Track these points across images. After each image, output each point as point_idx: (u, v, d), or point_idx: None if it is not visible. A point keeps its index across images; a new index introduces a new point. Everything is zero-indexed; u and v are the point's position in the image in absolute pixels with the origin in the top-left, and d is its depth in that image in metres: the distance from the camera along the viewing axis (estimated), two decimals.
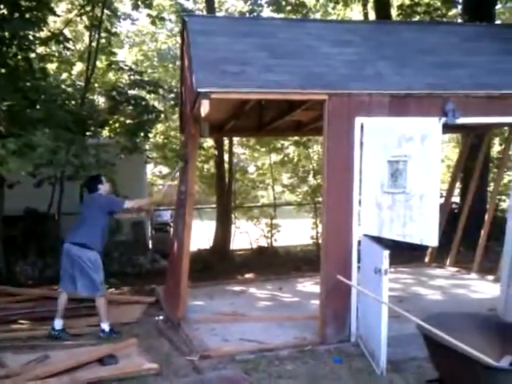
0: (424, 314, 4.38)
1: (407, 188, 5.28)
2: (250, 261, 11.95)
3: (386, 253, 5.02)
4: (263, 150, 13.57)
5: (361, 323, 5.92)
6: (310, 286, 9.09)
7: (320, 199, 13.44)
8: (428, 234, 5.12)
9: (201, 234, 12.41)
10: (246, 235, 13.01)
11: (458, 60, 6.47)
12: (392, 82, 6.01)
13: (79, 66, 13.62)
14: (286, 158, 13.52)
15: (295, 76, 5.82)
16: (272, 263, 11.46)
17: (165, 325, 6.87)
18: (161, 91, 10.50)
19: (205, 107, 5.28)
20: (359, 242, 5.92)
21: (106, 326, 6.36)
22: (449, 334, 3.95)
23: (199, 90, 5.30)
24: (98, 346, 5.81)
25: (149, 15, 13.05)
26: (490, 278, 8.98)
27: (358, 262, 5.94)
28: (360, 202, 5.85)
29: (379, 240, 5.58)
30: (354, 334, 6.00)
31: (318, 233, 13.39)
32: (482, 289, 8.46)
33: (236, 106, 7.14)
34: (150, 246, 12.49)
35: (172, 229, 13.34)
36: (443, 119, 5.63)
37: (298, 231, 14.29)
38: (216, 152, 12.55)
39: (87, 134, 8.83)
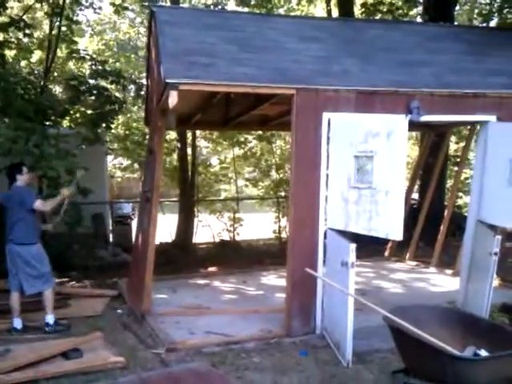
0: (386, 306, 4.46)
1: (373, 183, 5.37)
2: (212, 254, 11.91)
3: (353, 246, 5.10)
4: (226, 143, 13.51)
5: (326, 316, 6.00)
6: (273, 279, 9.15)
7: (283, 193, 13.71)
8: (393, 228, 5.21)
9: (163, 228, 12.29)
10: (208, 229, 12.95)
11: (422, 59, 6.62)
12: (358, 78, 6.10)
13: (38, 55, 13.26)
14: (248, 153, 13.50)
15: (264, 70, 5.84)
16: (235, 257, 11.44)
17: (129, 318, 6.80)
18: (123, 82, 10.28)
19: (173, 98, 5.23)
20: (325, 236, 5.99)
21: (51, 319, 6.19)
22: (414, 325, 4.07)
23: (167, 80, 5.24)
24: (61, 339, 5.70)
25: (112, 4, 12.80)
26: (449, 272, 9.23)
27: (324, 255, 6.01)
28: (326, 197, 5.92)
29: (344, 234, 5.67)
30: (319, 326, 6.08)
31: (280, 227, 13.49)
32: (441, 282, 8.69)
33: (204, 98, 7.09)
34: (111, 239, 12.32)
35: (134, 222, 13.27)
36: (409, 116, 5.74)
37: (259, 225, 14.33)
38: (179, 145, 12.45)
39: (47, 123, 8.57)
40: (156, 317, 6.67)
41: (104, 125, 9.09)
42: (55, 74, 11.33)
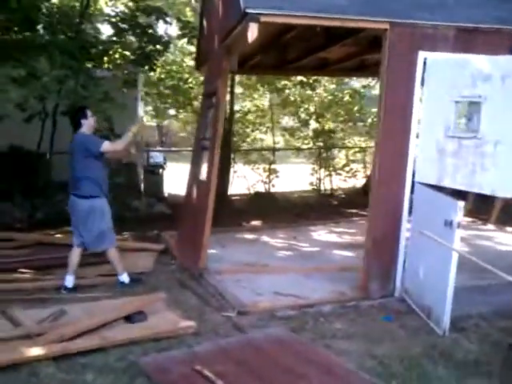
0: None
1: (479, 133, 4.68)
2: (248, 206, 11.36)
3: (461, 204, 4.46)
4: (264, 89, 12.65)
5: (408, 277, 5.42)
6: (324, 234, 8.60)
7: (321, 144, 13.03)
8: (503, 183, 4.56)
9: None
10: (242, 180, 12.34)
11: None
12: (457, 13, 5.32)
13: None
14: (288, 100, 12.67)
15: (354, 1, 5.10)
16: (273, 210, 10.88)
17: (183, 275, 6.25)
18: (167, 18, 9.35)
19: (253, 32, 4.58)
20: (412, 191, 5.35)
21: (125, 278, 5.73)
22: None
23: (248, 10, 4.54)
24: (119, 299, 5.16)
25: None
26: (510, 229, 8.65)
27: (409, 212, 5.40)
28: (417, 147, 5.24)
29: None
30: (398, 288, 5.52)
31: (318, 179, 12.88)
32: (505, 241, 8.09)
33: (272, 35, 6.31)
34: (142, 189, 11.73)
35: (165, 172, 12.68)
36: None
37: (294, 177, 13.72)
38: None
39: (90, 64, 7.79)
40: (213, 274, 6.13)
41: (147, 67, 8.25)
42: (92, 9, 10.31)
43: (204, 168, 6.49)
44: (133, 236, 8.13)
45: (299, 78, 11.93)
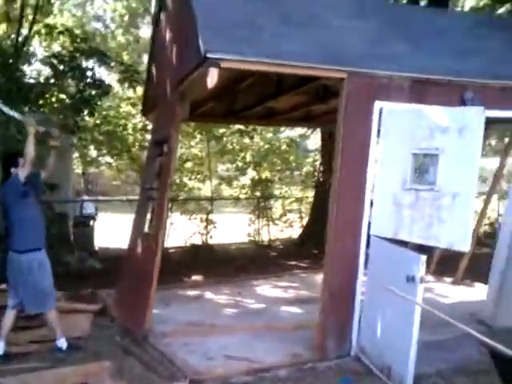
0: None
1: (436, 185, 4.67)
2: (187, 260, 10.94)
3: (424, 258, 4.39)
4: (200, 136, 12.49)
5: (364, 334, 5.26)
6: (268, 289, 8.35)
7: (258, 193, 12.92)
8: (460, 237, 4.53)
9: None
10: (179, 231, 11.94)
11: (472, 46, 5.96)
12: (412, 65, 5.40)
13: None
14: (225, 147, 12.57)
15: (311, 49, 5.09)
16: (211, 263, 10.53)
17: (126, 340, 5.77)
18: (108, 61, 8.94)
19: (213, 77, 4.43)
20: (367, 244, 5.26)
21: (63, 343, 5.21)
22: None
23: (209, 55, 4.37)
24: (60, 369, 4.64)
25: None
26: (448, 280, 8.78)
27: (365, 265, 5.29)
28: (372, 200, 5.18)
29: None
30: (354, 347, 5.33)
31: (256, 229, 12.73)
32: (446, 292, 8.15)
33: (229, 81, 6.16)
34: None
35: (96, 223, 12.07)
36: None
37: (231, 227, 13.48)
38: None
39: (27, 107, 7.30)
40: (159, 337, 5.71)
41: (86, 112, 7.85)
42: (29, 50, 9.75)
43: (149, 220, 6.13)
44: (65, 295, 7.51)
45: (237, 126, 11.89)
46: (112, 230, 12.65)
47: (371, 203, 5.22)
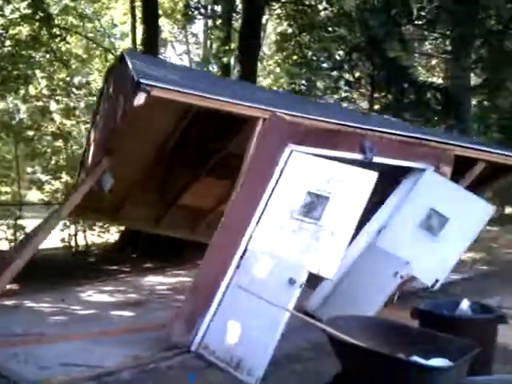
0: None
1: (320, 221, 5.20)
2: None
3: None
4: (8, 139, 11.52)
5: (214, 333, 5.37)
6: (95, 294, 8.08)
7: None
8: (327, 266, 5.05)
9: None
10: None
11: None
12: (318, 116, 6.13)
13: None
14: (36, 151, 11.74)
15: (235, 96, 5.91)
16: (26, 270, 9.74)
17: None
18: None
19: (139, 98, 4.75)
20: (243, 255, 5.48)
21: None
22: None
23: (141, 80, 4.75)
24: None
25: None
26: None
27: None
28: (258, 221, 5.54)
29: None
30: (195, 343, 5.43)
31: (73, 235, 12.16)
32: None
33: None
34: None
35: None
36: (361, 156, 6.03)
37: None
38: None
39: None
40: None
41: None
42: None
43: None
44: None
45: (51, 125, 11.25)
46: None
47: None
